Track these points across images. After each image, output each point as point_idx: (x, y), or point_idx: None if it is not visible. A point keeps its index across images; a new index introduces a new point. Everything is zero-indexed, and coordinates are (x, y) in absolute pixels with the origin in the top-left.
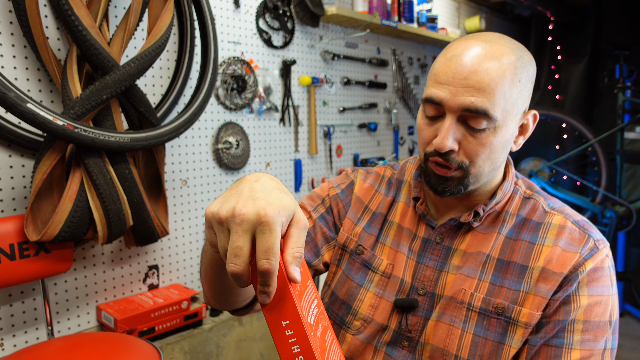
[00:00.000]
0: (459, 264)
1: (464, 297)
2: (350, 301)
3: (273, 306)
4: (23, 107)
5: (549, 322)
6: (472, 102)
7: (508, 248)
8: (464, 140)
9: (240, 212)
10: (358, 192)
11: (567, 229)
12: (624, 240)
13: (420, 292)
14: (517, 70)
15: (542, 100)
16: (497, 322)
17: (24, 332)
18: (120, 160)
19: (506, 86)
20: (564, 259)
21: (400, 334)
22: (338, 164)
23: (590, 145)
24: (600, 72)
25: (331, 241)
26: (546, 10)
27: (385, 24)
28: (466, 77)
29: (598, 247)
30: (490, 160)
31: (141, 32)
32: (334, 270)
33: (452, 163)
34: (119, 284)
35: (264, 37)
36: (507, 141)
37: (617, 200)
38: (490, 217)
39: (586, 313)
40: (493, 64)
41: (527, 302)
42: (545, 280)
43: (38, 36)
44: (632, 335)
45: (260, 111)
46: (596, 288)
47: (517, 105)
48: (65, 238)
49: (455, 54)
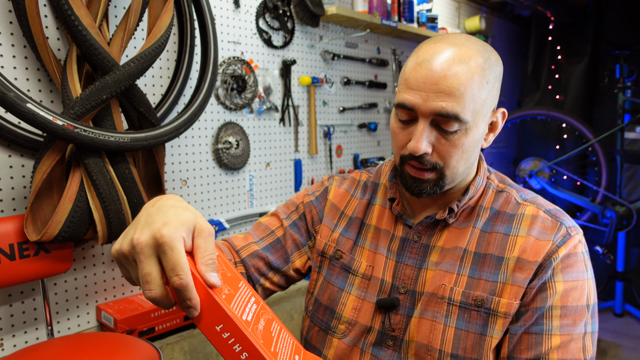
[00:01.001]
0: (437, 260)
1: (444, 292)
2: (333, 306)
3: (202, 316)
4: (23, 107)
5: (527, 310)
6: (442, 107)
7: (484, 241)
8: (437, 143)
9: (138, 240)
10: (333, 198)
11: (540, 218)
12: (624, 240)
13: (401, 290)
14: (484, 72)
15: (542, 100)
16: (478, 314)
17: (23, 332)
18: (120, 160)
19: (475, 89)
20: (537, 247)
21: (385, 334)
22: (338, 164)
23: (590, 145)
24: (600, 72)
25: (302, 247)
26: (546, 10)
27: (386, 23)
28: (436, 83)
29: (570, 234)
30: (464, 160)
31: (141, 32)
32: (315, 277)
33: (427, 165)
34: (119, 284)
35: (264, 37)
36: (478, 140)
37: (617, 200)
38: (465, 212)
39: (563, 299)
40: (461, 68)
41: (505, 292)
42: (521, 269)
43: (38, 36)
44: (632, 335)
45: (260, 111)
46: (571, 273)
47: (486, 106)
48: (65, 238)
49: (425, 59)
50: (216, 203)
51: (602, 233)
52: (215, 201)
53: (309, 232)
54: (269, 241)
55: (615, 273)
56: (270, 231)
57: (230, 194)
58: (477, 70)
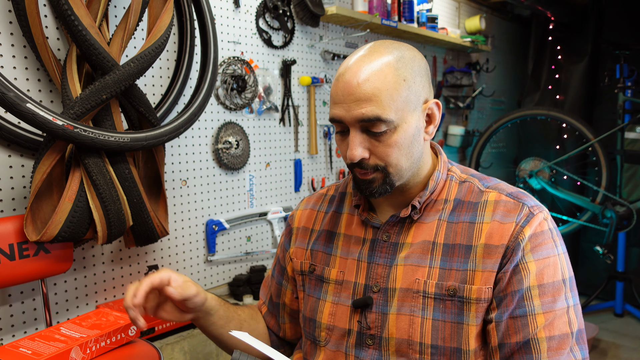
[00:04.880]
0: (406, 255)
1: (419, 287)
2: (313, 315)
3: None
4: (22, 106)
5: (507, 295)
6: (363, 113)
7: (451, 232)
8: (371, 146)
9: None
10: (298, 224)
11: (502, 202)
12: (624, 241)
13: (374, 289)
14: (398, 71)
15: (543, 100)
16: (452, 304)
17: (23, 332)
18: (120, 160)
19: (391, 89)
20: (502, 230)
21: (363, 334)
22: (338, 164)
23: (590, 145)
24: (600, 72)
25: (286, 288)
26: (546, 10)
27: (386, 23)
28: (352, 93)
29: (533, 213)
30: (405, 157)
31: (141, 32)
32: (302, 297)
33: (369, 169)
34: (119, 284)
35: (264, 37)
36: (414, 135)
37: (617, 201)
38: (429, 207)
39: (538, 277)
40: (372, 74)
41: (476, 279)
42: (489, 255)
43: (37, 36)
44: (633, 336)
45: (260, 111)
46: (541, 252)
47: (411, 102)
48: (65, 238)
49: (341, 73)
50: (216, 203)
51: (602, 233)
52: (215, 201)
53: (285, 269)
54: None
55: (616, 273)
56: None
57: (230, 194)
58: (389, 70)
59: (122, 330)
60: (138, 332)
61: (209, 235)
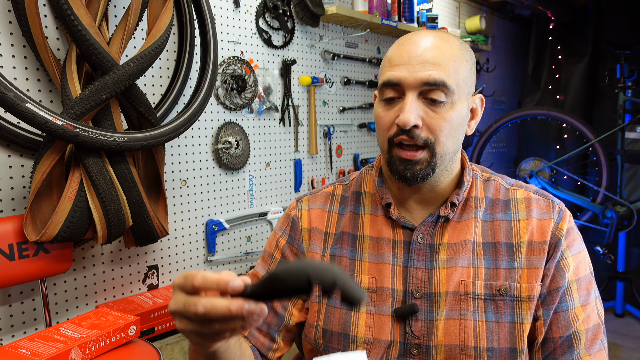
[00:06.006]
0: (448, 257)
1: (467, 288)
2: (345, 330)
3: None
4: (22, 106)
5: (551, 291)
6: (430, 74)
7: (489, 230)
8: (425, 116)
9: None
10: (308, 225)
11: (533, 200)
12: (624, 241)
13: (416, 295)
14: (463, 52)
15: (543, 100)
16: (504, 304)
17: (23, 333)
18: (120, 160)
19: (457, 62)
20: (542, 227)
21: (407, 344)
22: (338, 164)
23: (590, 145)
24: (601, 72)
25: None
26: (547, 10)
27: (386, 23)
28: (421, 54)
29: (562, 210)
30: (452, 138)
31: (141, 31)
32: (316, 309)
33: (418, 140)
34: (119, 284)
35: (264, 37)
36: (464, 119)
37: (618, 201)
38: (461, 206)
39: (575, 272)
40: (443, 43)
41: (524, 277)
42: (534, 251)
43: (37, 36)
44: (633, 336)
45: (260, 111)
46: (575, 247)
47: (468, 84)
48: (65, 238)
49: (407, 39)
50: (216, 203)
51: (602, 233)
52: (215, 201)
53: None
54: None
55: (616, 273)
56: None
57: (230, 194)
58: (457, 48)
59: (121, 330)
60: (138, 332)
61: (209, 236)
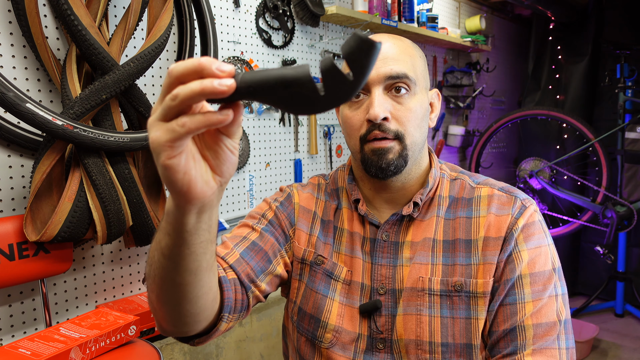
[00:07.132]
0: (410, 255)
1: (423, 285)
2: (318, 314)
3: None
4: (22, 106)
5: (500, 284)
6: (391, 68)
7: (449, 228)
8: (393, 109)
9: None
10: (300, 201)
11: (495, 196)
12: (624, 241)
13: (380, 292)
14: (415, 50)
15: (543, 100)
16: (460, 299)
17: (23, 333)
18: (120, 160)
19: (413, 58)
20: (499, 223)
21: (373, 338)
22: (338, 164)
23: (591, 145)
24: (601, 72)
25: (280, 251)
26: (547, 10)
27: (386, 23)
28: (381, 52)
29: (525, 206)
30: (420, 129)
31: (141, 31)
32: (296, 286)
33: (389, 133)
34: (119, 284)
35: (264, 37)
36: (427, 110)
37: (618, 201)
38: (426, 205)
39: (530, 266)
40: (398, 42)
41: (480, 273)
42: (489, 247)
43: (37, 36)
44: (633, 336)
45: (260, 111)
46: (532, 241)
47: (425, 78)
48: (65, 238)
49: None
50: None
51: (602, 233)
52: None
53: (285, 234)
54: (244, 245)
55: (616, 273)
56: (243, 237)
57: (230, 194)
58: (410, 46)
59: (121, 330)
60: (138, 332)
61: None
